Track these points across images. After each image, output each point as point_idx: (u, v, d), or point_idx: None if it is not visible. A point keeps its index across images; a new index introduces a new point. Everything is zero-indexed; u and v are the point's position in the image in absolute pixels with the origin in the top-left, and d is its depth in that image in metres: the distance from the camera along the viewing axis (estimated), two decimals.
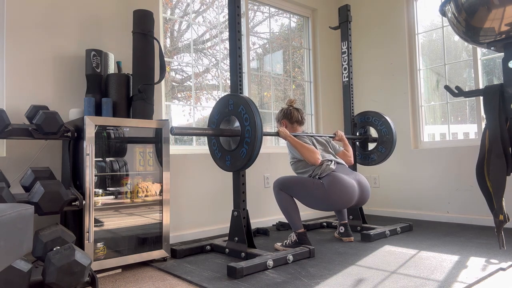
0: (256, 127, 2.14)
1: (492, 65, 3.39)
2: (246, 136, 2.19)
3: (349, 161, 2.79)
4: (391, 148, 3.17)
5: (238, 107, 2.25)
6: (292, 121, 2.76)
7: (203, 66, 3.47)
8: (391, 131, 3.17)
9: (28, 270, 1.53)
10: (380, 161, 3.23)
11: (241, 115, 2.23)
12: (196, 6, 3.46)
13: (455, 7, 2.28)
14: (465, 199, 3.37)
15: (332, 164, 2.53)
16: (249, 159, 2.18)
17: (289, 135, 2.54)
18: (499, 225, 2.15)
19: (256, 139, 2.13)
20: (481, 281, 1.80)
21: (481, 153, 2.27)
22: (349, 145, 2.87)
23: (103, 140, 2.14)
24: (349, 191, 2.42)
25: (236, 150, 2.27)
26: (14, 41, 2.32)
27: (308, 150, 2.49)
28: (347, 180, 2.44)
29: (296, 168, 2.65)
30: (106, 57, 2.48)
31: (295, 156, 2.64)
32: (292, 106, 2.81)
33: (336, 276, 1.93)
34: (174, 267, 2.18)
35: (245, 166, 2.22)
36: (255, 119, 2.15)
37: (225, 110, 2.35)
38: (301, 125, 2.81)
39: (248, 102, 2.21)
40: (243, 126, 2.21)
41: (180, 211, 2.97)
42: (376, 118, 3.26)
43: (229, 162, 2.32)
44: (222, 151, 2.39)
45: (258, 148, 2.15)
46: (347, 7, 3.32)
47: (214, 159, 2.46)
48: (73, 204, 1.97)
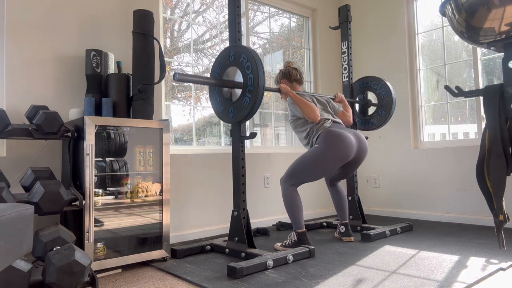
0: (258, 74, 2.10)
1: (492, 65, 3.39)
2: (249, 84, 2.16)
3: (348, 121, 2.82)
4: (391, 110, 3.20)
5: (240, 56, 2.22)
6: (291, 79, 2.77)
7: (203, 66, 3.47)
8: (390, 94, 3.19)
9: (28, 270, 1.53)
10: (380, 124, 3.27)
11: (242, 64, 2.20)
12: (196, 6, 3.46)
13: (455, 7, 2.28)
14: (465, 199, 3.37)
15: (328, 122, 2.57)
16: (252, 107, 2.15)
17: (291, 91, 2.56)
18: (499, 225, 2.15)
19: (258, 86, 2.11)
20: (481, 281, 1.80)
21: (481, 153, 2.27)
22: (348, 106, 2.90)
23: (103, 140, 2.14)
24: (346, 141, 2.45)
25: (238, 100, 2.25)
26: (14, 41, 2.32)
27: (309, 107, 2.51)
28: (343, 132, 2.49)
29: (295, 126, 2.68)
30: (106, 57, 2.48)
31: (294, 114, 2.65)
32: (289, 66, 2.82)
33: (336, 276, 1.93)
34: (174, 267, 2.18)
35: (248, 115, 2.20)
36: (257, 67, 2.11)
37: (226, 62, 2.31)
38: (301, 84, 2.82)
39: (250, 50, 2.17)
40: (245, 74, 2.18)
41: (180, 211, 2.97)
42: (375, 83, 3.28)
43: (232, 114, 2.31)
44: (224, 104, 2.37)
45: (261, 96, 2.13)
46: (347, 7, 3.32)
47: (217, 113, 2.46)
48: (73, 204, 1.97)
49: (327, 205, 4.11)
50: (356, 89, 3.40)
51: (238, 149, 2.44)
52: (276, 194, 3.62)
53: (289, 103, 2.67)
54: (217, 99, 2.43)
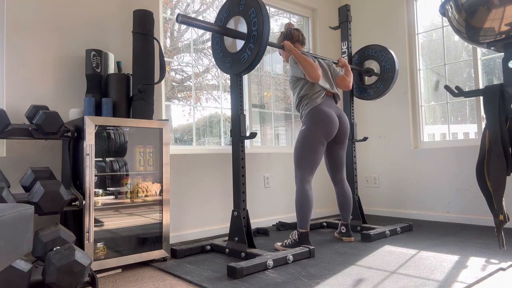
0: (262, 34, 2.08)
1: (492, 65, 3.39)
2: (251, 41, 2.13)
3: (346, 86, 2.84)
4: (389, 86, 3.19)
5: (249, 9, 2.18)
6: (293, 40, 2.77)
7: (203, 66, 3.47)
8: (394, 69, 3.17)
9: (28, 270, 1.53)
10: (376, 97, 3.27)
11: (250, 18, 2.16)
12: (196, 6, 3.46)
13: (455, 7, 2.28)
14: (465, 199, 3.37)
15: (321, 97, 2.60)
16: (249, 65, 2.14)
17: (294, 48, 2.57)
18: (499, 225, 2.15)
19: (260, 47, 2.09)
20: (481, 281, 1.80)
21: (481, 153, 2.27)
22: (350, 71, 2.90)
23: (103, 140, 2.14)
24: (330, 119, 2.56)
25: (238, 53, 2.23)
26: (14, 41, 2.32)
27: (311, 65, 2.51)
28: (327, 110, 2.58)
29: (294, 86, 2.70)
30: (106, 57, 2.48)
31: (295, 74, 2.65)
32: (290, 27, 2.82)
33: (336, 276, 1.93)
34: (174, 267, 2.18)
35: (244, 71, 2.20)
36: (263, 26, 2.08)
37: (235, 9, 2.27)
38: (303, 45, 2.82)
39: (261, 5, 2.13)
40: (250, 30, 2.15)
41: (180, 211, 2.97)
42: (382, 53, 3.25)
43: (229, 64, 2.29)
44: (224, 52, 2.35)
45: (260, 55, 2.11)
46: (347, 7, 3.32)
47: (214, 58, 2.45)
48: (73, 204, 1.97)
49: (327, 205, 4.11)
50: (361, 56, 3.38)
51: (238, 149, 2.44)
52: (276, 194, 3.62)
53: (291, 62, 2.67)
54: (218, 43, 2.40)
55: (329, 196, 4.14)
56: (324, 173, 4.10)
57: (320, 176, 4.06)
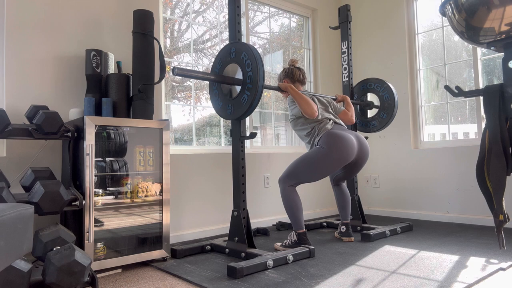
0: (258, 72, 2.11)
1: (492, 65, 3.39)
2: (248, 82, 2.16)
3: (350, 120, 2.81)
4: (393, 113, 3.19)
5: (241, 53, 2.22)
6: (293, 79, 2.76)
7: (203, 66, 3.47)
8: (393, 97, 3.18)
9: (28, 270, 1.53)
10: (381, 127, 3.26)
11: (243, 61, 2.20)
12: (196, 6, 3.46)
13: (455, 7, 2.28)
14: (465, 199, 3.37)
15: (330, 123, 2.56)
16: (250, 105, 2.16)
17: (290, 85, 2.55)
18: (499, 225, 2.15)
19: (257, 84, 2.11)
20: (481, 281, 1.80)
21: (481, 153, 2.27)
22: (351, 105, 2.89)
23: (103, 140, 2.14)
24: (348, 143, 2.45)
25: (237, 97, 2.25)
26: (14, 41, 2.32)
27: (307, 102, 2.49)
28: (344, 134, 2.49)
29: (295, 125, 2.67)
30: (106, 57, 2.48)
31: (294, 113, 2.64)
32: (294, 65, 2.81)
33: (336, 276, 1.93)
34: (174, 267, 2.18)
35: (246, 113, 2.21)
36: (257, 65, 2.12)
37: (227, 58, 2.32)
38: (303, 85, 2.82)
39: (251, 48, 2.18)
40: (245, 72, 2.19)
41: (180, 211, 2.97)
42: (378, 85, 3.27)
43: (230, 111, 2.31)
44: (223, 100, 2.37)
45: (259, 94, 2.13)
46: (347, 7, 3.32)
47: (215, 109, 2.47)
48: (73, 204, 1.97)
49: (327, 205, 4.11)
50: (358, 91, 3.39)
51: (238, 149, 2.44)
52: (276, 194, 3.62)
53: (289, 101, 2.67)
54: (217, 95, 2.43)
55: (329, 196, 4.14)
56: None
57: None
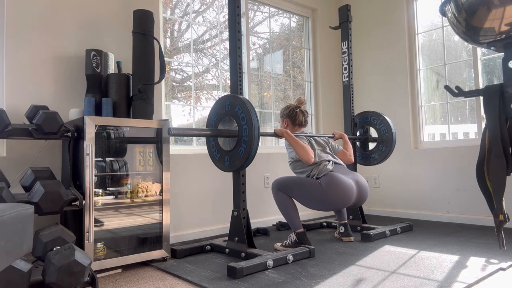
0: (253, 125, 2.14)
1: (492, 65, 3.39)
2: (244, 135, 2.19)
3: (348, 160, 2.79)
4: (391, 146, 3.17)
5: (235, 107, 2.26)
6: (295, 123, 2.76)
7: (203, 66, 3.47)
8: (390, 130, 3.17)
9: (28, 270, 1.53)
10: (381, 160, 3.24)
11: (237, 114, 2.24)
12: (196, 6, 3.46)
13: (455, 7, 2.28)
14: (465, 199, 3.37)
15: (329, 164, 2.54)
16: (247, 158, 2.18)
17: (286, 131, 2.54)
18: (499, 225, 2.15)
19: (253, 137, 2.14)
20: (481, 281, 1.80)
21: (481, 153, 2.27)
22: (349, 143, 2.87)
23: (103, 140, 2.14)
24: (347, 190, 2.41)
25: (234, 150, 2.27)
26: (14, 41, 2.32)
27: (303, 148, 2.48)
28: (345, 179, 2.44)
29: (294, 167, 2.66)
30: (106, 57, 2.48)
31: (292, 157, 2.64)
32: (299, 107, 2.79)
33: (336, 276, 1.93)
34: (174, 267, 2.18)
35: (244, 165, 2.22)
36: (252, 118, 2.15)
37: (222, 111, 2.36)
38: (303, 128, 2.81)
39: (244, 101, 2.21)
40: (240, 125, 2.22)
41: (180, 211, 2.97)
42: (374, 118, 3.27)
43: (228, 163, 2.33)
44: (220, 152, 2.39)
45: (255, 147, 2.16)
46: (347, 7, 3.32)
47: (213, 160, 2.46)
48: (73, 204, 1.97)
49: None
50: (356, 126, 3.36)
51: None
52: None
53: (286, 145, 2.67)
54: (214, 147, 2.44)
55: None
56: None
57: None
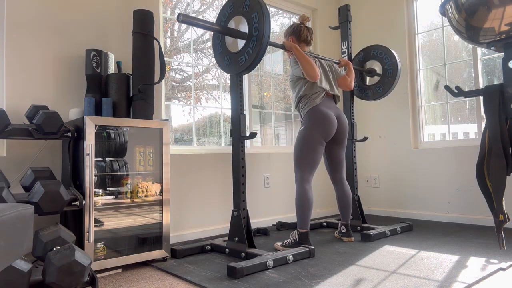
0: (262, 40, 2.09)
1: (492, 65, 3.39)
2: (250, 45, 2.16)
3: (348, 86, 2.86)
4: (388, 91, 3.20)
5: (252, 12, 2.18)
6: (300, 39, 2.73)
7: (203, 66, 3.47)
8: (395, 75, 3.17)
9: (28, 270, 1.53)
10: (373, 99, 3.29)
11: (252, 21, 2.17)
12: (196, 6, 3.46)
13: (455, 7, 2.28)
14: (465, 199, 3.37)
15: (320, 97, 2.60)
16: (246, 68, 2.19)
17: (295, 45, 2.56)
18: (499, 225, 2.15)
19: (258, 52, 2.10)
20: (481, 281, 1.80)
21: (481, 153, 2.27)
22: (352, 71, 2.91)
23: (103, 140, 2.14)
24: (328, 119, 2.57)
25: (236, 54, 2.25)
26: (14, 41, 2.32)
27: (310, 64, 2.51)
28: (326, 110, 2.59)
29: (294, 86, 2.70)
30: (106, 57, 2.48)
31: (296, 74, 2.64)
32: (303, 24, 2.77)
33: (336, 276, 1.93)
34: (174, 267, 2.18)
35: (240, 72, 2.25)
36: (264, 33, 2.09)
37: (239, 8, 2.28)
38: (308, 45, 2.79)
39: (264, 12, 2.12)
40: (251, 34, 2.17)
41: (180, 211, 2.97)
42: (387, 56, 3.24)
43: (226, 62, 2.33)
44: (223, 48, 2.37)
45: (258, 60, 2.14)
46: (347, 7, 3.32)
47: (214, 52, 2.47)
48: (73, 204, 1.97)
49: (327, 205, 4.10)
50: (367, 54, 3.35)
51: (238, 149, 2.44)
52: (276, 194, 3.62)
53: (292, 61, 2.66)
54: (219, 38, 2.43)
55: (329, 196, 4.14)
56: (324, 173, 4.10)
57: (320, 176, 4.06)
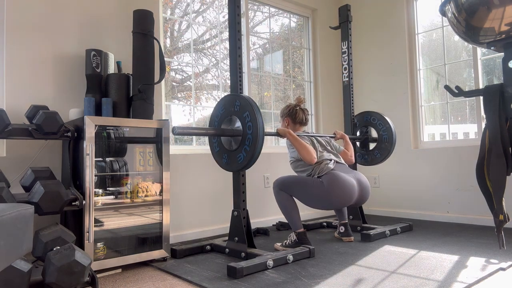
0: (257, 138, 2.11)
1: (492, 65, 3.39)
2: (246, 144, 2.18)
3: (349, 160, 2.79)
4: (386, 156, 3.20)
5: (244, 111, 2.21)
6: (295, 121, 2.76)
7: (203, 66, 3.47)
8: (391, 140, 3.17)
9: (28, 270, 1.53)
10: (371, 164, 3.29)
11: (245, 121, 2.21)
12: (196, 6, 3.46)
13: (455, 7, 2.28)
14: (465, 199, 3.37)
15: (331, 163, 2.53)
16: (245, 165, 2.18)
17: (288, 131, 2.54)
18: (499, 225, 2.15)
19: (255, 149, 2.12)
20: (481, 281, 1.80)
21: (481, 153, 2.27)
22: (350, 143, 2.87)
23: (103, 140, 2.14)
24: (349, 189, 2.41)
25: (234, 152, 2.26)
26: (14, 41, 2.32)
27: (305, 148, 2.48)
28: (346, 178, 2.43)
29: (296, 167, 2.66)
30: (106, 57, 2.48)
31: (293, 156, 2.64)
32: (299, 106, 2.79)
33: (336, 276, 1.93)
34: (174, 267, 2.18)
35: (240, 170, 2.24)
36: (258, 130, 2.11)
37: (231, 108, 2.33)
38: (303, 126, 2.81)
39: (254, 109, 2.15)
40: (245, 133, 2.19)
41: (180, 211, 2.97)
42: (380, 122, 3.25)
43: (225, 160, 2.33)
44: (220, 147, 2.38)
45: (256, 157, 2.15)
46: (347, 7, 3.32)
47: (212, 152, 2.46)
48: (73, 204, 1.97)
49: None
50: (361, 120, 3.36)
51: None
52: None
53: (288, 145, 2.67)
54: (215, 137, 2.43)
55: None
56: None
57: None
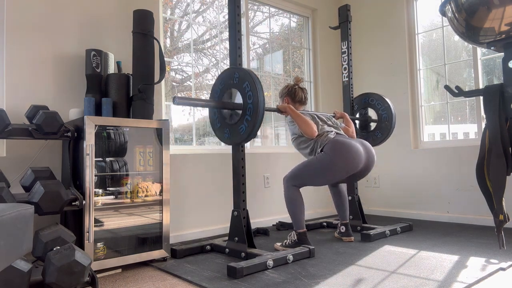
0: (258, 106, 2.11)
1: (492, 65, 3.39)
2: (247, 114, 2.18)
3: (351, 136, 2.81)
4: (387, 135, 3.20)
5: (243, 82, 2.22)
6: (295, 100, 2.74)
7: (203, 66, 3.47)
8: (391, 118, 3.18)
9: (28, 270, 1.53)
10: (374, 145, 3.29)
11: (245, 91, 2.20)
12: (196, 6, 3.46)
13: (455, 7, 2.28)
14: (465, 199, 3.37)
15: (332, 133, 2.55)
16: (247, 136, 2.18)
17: (289, 106, 2.54)
18: (499, 225, 2.15)
19: (256, 118, 2.12)
20: (481, 281, 1.80)
21: (481, 153, 2.27)
22: (350, 121, 2.89)
23: (103, 140, 2.14)
24: (354, 152, 2.40)
25: (235, 125, 2.26)
26: (14, 41, 2.32)
27: (306, 122, 2.49)
28: (350, 141, 2.45)
29: (298, 144, 2.66)
30: (106, 57, 2.48)
31: (295, 132, 2.64)
32: (298, 84, 2.79)
33: (336, 276, 1.93)
34: (174, 267, 2.18)
35: (243, 141, 2.24)
36: (259, 98, 2.12)
37: (230, 81, 2.32)
38: (303, 105, 2.80)
39: (254, 79, 2.16)
40: (246, 103, 2.19)
41: (180, 211, 2.97)
42: (379, 102, 3.27)
43: (227, 135, 2.33)
44: (222, 122, 2.38)
45: (257, 127, 2.15)
46: (347, 7, 3.32)
47: (213, 129, 2.47)
48: (73, 204, 1.97)
49: (327, 205, 4.10)
50: (359, 103, 3.38)
51: (238, 149, 2.44)
52: (276, 194, 3.62)
53: (288, 121, 2.66)
54: (216, 114, 2.44)
55: (329, 196, 4.13)
56: None
57: None
